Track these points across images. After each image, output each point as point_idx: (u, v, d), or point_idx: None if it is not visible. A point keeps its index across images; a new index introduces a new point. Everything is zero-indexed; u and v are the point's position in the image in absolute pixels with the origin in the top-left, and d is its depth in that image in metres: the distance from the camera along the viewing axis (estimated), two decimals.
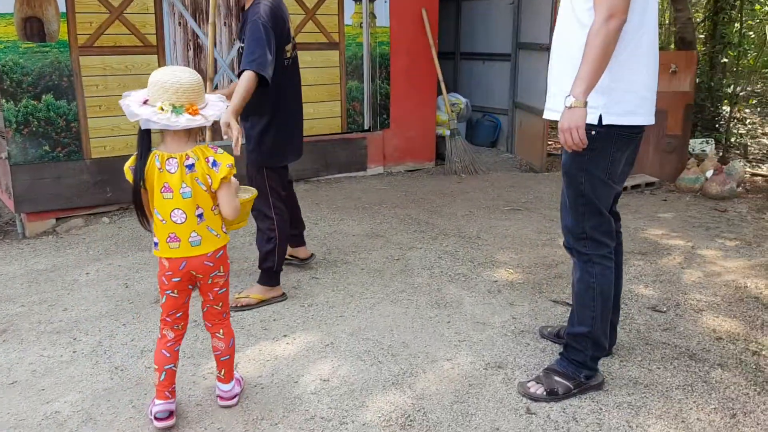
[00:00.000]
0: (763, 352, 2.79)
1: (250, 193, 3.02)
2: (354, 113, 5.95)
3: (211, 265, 2.21)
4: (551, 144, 6.95)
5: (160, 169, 2.10)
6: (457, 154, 6.19)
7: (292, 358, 2.75)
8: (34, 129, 4.52)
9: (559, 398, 2.44)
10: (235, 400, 2.42)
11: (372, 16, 5.88)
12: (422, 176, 6.12)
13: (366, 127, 6.06)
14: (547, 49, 6.20)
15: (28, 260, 4.08)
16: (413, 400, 2.45)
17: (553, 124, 6.94)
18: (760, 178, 6.20)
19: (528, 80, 6.75)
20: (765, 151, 7.75)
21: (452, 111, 6.55)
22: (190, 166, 2.11)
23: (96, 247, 4.23)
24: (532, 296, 3.37)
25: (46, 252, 4.22)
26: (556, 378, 2.48)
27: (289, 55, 3.24)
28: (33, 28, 4.46)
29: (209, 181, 2.14)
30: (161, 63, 4.90)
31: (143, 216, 2.16)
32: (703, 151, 6.43)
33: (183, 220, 2.14)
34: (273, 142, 3.21)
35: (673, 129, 5.76)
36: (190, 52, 5.02)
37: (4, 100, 4.41)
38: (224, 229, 2.26)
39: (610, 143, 2.33)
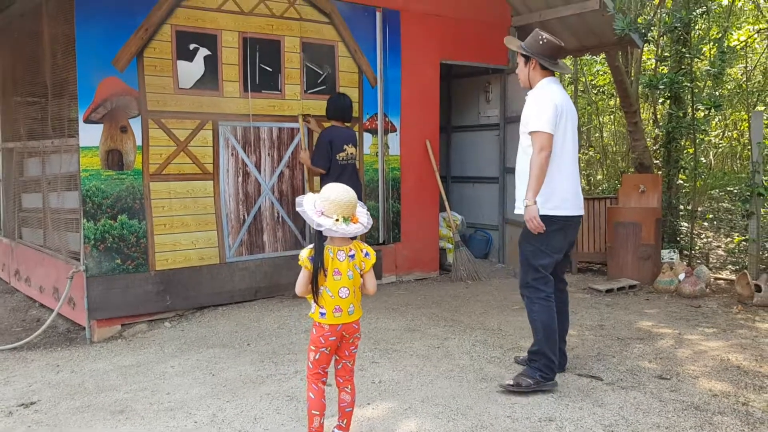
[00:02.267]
0: (750, 404, 3.55)
1: None
2: (371, 228, 6.77)
3: (356, 327, 2.98)
4: None
5: (332, 258, 2.86)
6: (462, 263, 7.02)
7: (382, 419, 3.39)
8: (109, 245, 5.20)
9: (522, 389, 3.67)
10: None
11: (386, 146, 6.87)
12: (432, 283, 6.89)
13: (381, 241, 6.88)
14: None
15: (111, 359, 4.64)
16: None
17: None
18: (722, 281, 7.14)
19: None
20: (722, 260, 8.79)
21: (453, 226, 7.44)
22: (352, 256, 2.91)
23: (169, 347, 4.82)
24: (560, 373, 4.08)
25: (123, 352, 4.78)
26: (522, 376, 3.74)
27: (341, 159, 5.72)
28: (114, 158, 5.25)
29: (363, 266, 2.93)
30: (216, 188, 5.70)
31: (316, 291, 2.88)
32: (671, 259, 7.40)
33: (347, 295, 2.90)
34: None
35: (647, 239, 6.73)
36: (240, 178, 5.85)
37: (84, 220, 5.12)
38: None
39: (547, 226, 3.73)
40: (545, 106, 3.78)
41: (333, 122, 5.98)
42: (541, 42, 3.97)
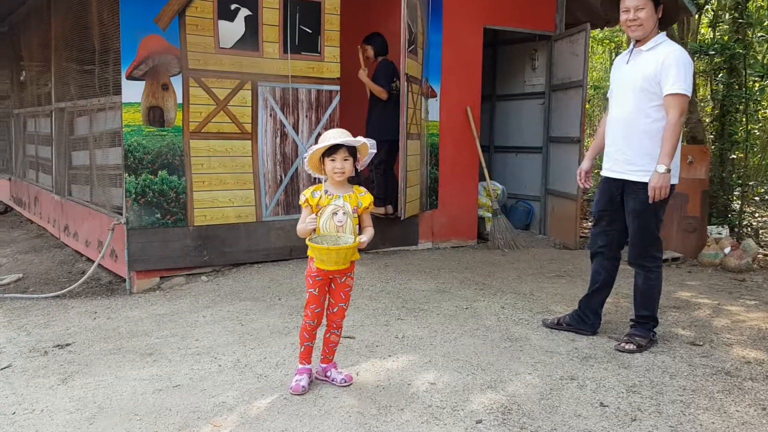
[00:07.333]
0: None
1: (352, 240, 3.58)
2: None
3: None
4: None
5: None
6: (500, 231, 6.95)
7: (401, 370, 3.40)
8: (149, 199, 5.33)
9: (643, 349, 3.69)
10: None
11: (426, 111, 6.80)
12: (468, 251, 6.85)
13: (418, 206, 6.84)
14: (578, 141, 7.09)
15: (147, 308, 4.77)
16: (507, 397, 3.08)
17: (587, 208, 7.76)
18: None
19: (559, 169, 7.59)
20: None
21: (492, 195, 7.36)
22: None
23: (203, 299, 4.92)
24: (590, 336, 4.01)
25: (160, 302, 4.91)
26: (638, 338, 3.74)
27: (393, 88, 6.33)
28: (155, 115, 5.35)
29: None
30: (254, 147, 5.76)
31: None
32: (719, 234, 7.16)
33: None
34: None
35: (692, 211, 6.52)
36: (278, 139, 5.89)
37: (126, 174, 5.25)
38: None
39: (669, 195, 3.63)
40: (689, 66, 3.53)
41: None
42: None
